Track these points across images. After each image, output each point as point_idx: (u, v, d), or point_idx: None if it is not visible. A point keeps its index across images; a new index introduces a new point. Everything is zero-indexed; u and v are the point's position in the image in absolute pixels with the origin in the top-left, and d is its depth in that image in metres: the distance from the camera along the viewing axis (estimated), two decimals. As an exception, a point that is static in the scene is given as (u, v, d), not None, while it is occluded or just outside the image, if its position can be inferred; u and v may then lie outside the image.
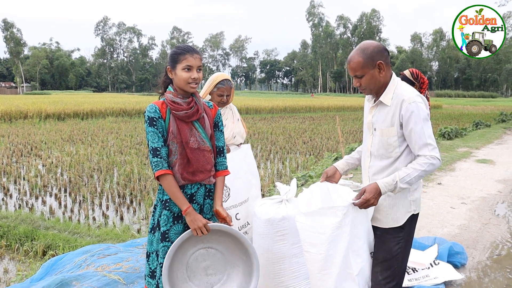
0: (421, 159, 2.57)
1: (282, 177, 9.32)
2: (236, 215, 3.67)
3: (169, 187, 2.52)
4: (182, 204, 2.51)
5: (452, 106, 47.28)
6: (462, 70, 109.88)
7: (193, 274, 2.65)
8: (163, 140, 2.54)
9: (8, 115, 22.21)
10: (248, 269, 2.71)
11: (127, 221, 6.55)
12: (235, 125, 3.84)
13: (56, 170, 9.83)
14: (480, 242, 5.18)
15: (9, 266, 5.08)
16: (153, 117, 2.52)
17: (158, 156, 2.50)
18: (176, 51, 2.56)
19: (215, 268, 2.69)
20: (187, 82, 2.53)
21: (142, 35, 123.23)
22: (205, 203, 2.69)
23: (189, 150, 2.55)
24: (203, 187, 2.66)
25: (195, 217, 2.51)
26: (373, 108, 2.77)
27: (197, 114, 2.59)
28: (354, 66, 2.63)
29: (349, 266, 2.72)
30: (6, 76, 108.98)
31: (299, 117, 28.87)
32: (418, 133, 2.57)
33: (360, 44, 2.70)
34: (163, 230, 2.60)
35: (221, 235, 2.64)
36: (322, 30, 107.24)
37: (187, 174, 2.57)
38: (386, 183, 2.58)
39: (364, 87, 2.68)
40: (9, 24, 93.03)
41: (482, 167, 10.19)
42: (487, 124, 21.83)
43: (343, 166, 3.07)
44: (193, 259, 2.64)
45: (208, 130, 2.65)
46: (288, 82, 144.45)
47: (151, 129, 2.52)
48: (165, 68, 2.64)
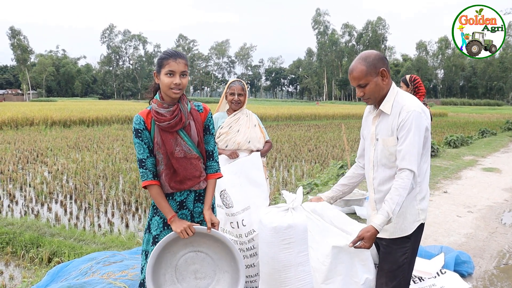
0: (400, 180, 2.52)
1: (287, 185, 9.31)
2: (242, 221, 3.67)
3: (155, 197, 2.58)
4: (167, 213, 2.57)
5: (457, 114, 47.17)
6: (467, 78, 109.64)
7: (181, 276, 2.68)
8: (148, 151, 2.56)
9: (15, 122, 22.34)
10: (235, 276, 2.73)
11: (133, 228, 6.56)
12: (250, 130, 3.89)
13: (62, 177, 9.86)
14: (487, 251, 5.14)
15: (14, 273, 5.08)
16: (138, 128, 2.56)
17: (143, 167, 2.56)
18: (161, 56, 2.58)
19: (204, 272, 2.72)
20: (169, 87, 2.52)
21: (147, 43, 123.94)
22: (195, 206, 2.72)
23: (175, 160, 2.57)
24: (192, 193, 2.69)
25: (179, 222, 2.56)
26: (375, 119, 2.74)
27: (180, 123, 2.57)
28: (357, 75, 2.61)
29: (356, 275, 2.71)
30: (13, 83, 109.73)
31: (304, 125, 28.87)
32: (406, 143, 2.53)
33: (360, 54, 2.68)
34: (154, 234, 2.67)
35: (210, 240, 2.67)
36: (328, 38, 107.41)
37: (175, 183, 2.60)
38: (381, 222, 2.52)
39: (368, 96, 2.65)
40: (16, 31, 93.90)
41: (488, 176, 10.14)
42: (493, 132, 21.76)
43: (329, 194, 3.07)
44: (183, 261, 2.67)
45: (194, 138, 2.64)
46: (293, 90, 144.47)
47: (136, 141, 2.56)
48: (153, 73, 2.65)
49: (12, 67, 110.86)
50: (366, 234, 2.54)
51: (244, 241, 3.69)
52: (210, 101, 74.87)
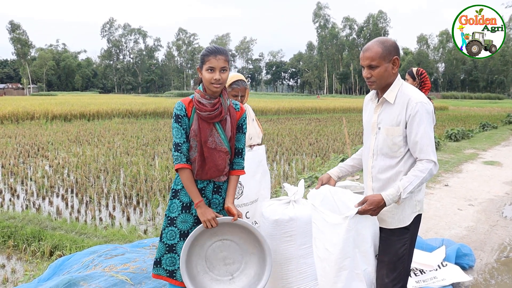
0: (421, 165, 2.57)
1: (288, 178, 9.31)
2: (246, 213, 3.68)
3: (185, 180, 2.69)
4: (195, 198, 2.68)
5: (458, 108, 47.10)
6: (468, 71, 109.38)
7: (212, 265, 2.83)
8: (185, 137, 2.69)
9: (15, 116, 22.34)
10: (262, 256, 2.84)
11: (134, 221, 6.57)
12: (250, 126, 3.88)
13: (63, 171, 9.87)
14: (488, 244, 5.15)
15: (16, 266, 5.10)
16: (178, 114, 2.69)
17: (178, 151, 2.68)
18: (203, 53, 2.71)
19: (233, 257, 2.85)
20: (210, 82, 2.65)
21: (147, 37, 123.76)
22: (213, 198, 2.81)
23: (206, 149, 2.68)
24: (212, 183, 2.79)
25: (205, 210, 2.67)
26: (378, 107, 2.75)
27: (219, 117, 2.70)
28: (371, 55, 2.61)
29: (357, 266, 2.71)
30: (13, 78, 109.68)
31: (305, 118, 28.84)
32: (420, 135, 2.56)
33: (377, 38, 2.71)
34: (171, 216, 2.78)
35: (233, 227, 2.78)
36: (328, 32, 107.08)
37: (201, 171, 2.70)
38: (391, 195, 2.56)
39: (375, 80, 2.65)
40: (15, 25, 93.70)
41: (489, 169, 10.14)
42: (494, 126, 21.74)
43: (336, 173, 3.08)
44: (211, 251, 2.80)
45: (228, 132, 2.76)
46: (294, 83, 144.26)
47: (175, 125, 2.69)
48: (197, 68, 2.79)
49: (12, 61, 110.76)
50: (372, 198, 2.58)
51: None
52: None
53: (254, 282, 2.85)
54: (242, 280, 2.86)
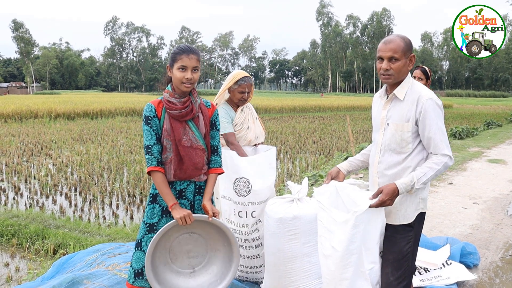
0: (435, 158, 2.57)
1: (292, 176, 9.30)
2: (252, 212, 3.66)
3: (158, 183, 2.64)
4: (169, 200, 2.63)
5: (463, 106, 46.96)
6: (473, 69, 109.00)
7: (175, 257, 2.78)
8: (156, 138, 2.64)
9: (19, 115, 22.41)
10: (229, 256, 2.81)
11: (137, 220, 6.56)
12: (255, 126, 3.86)
13: (66, 169, 9.88)
14: (492, 243, 5.12)
15: (20, 265, 5.10)
16: (148, 115, 2.64)
17: (149, 154, 2.63)
18: (174, 51, 2.66)
19: (197, 251, 2.82)
20: (181, 81, 2.61)
21: (151, 35, 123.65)
22: (196, 199, 2.79)
23: (182, 148, 2.64)
24: (192, 184, 2.76)
25: (180, 210, 2.61)
26: (387, 103, 2.75)
27: (191, 114, 2.67)
28: (395, 47, 2.60)
29: (362, 264, 2.71)
30: (17, 76, 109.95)
31: (308, 116, 28.81)
32: (433, 131, 2.57)
33: (395, 33, 2.71)
34: (152, 222, 2.72)
35: (205, 223, 2.74)
36: (332, 30, 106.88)
37: (179, 171, 2.66)
38: (404, 184, 2.57)
39: (392, 73, 2.64)
40: (18, 24, 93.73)
41: (494, 167, 10.09)
42: (499, 124, 21.65)
43: (346, 167, 3.09)
44: (176, 243, 2.76)
45: (202, 129, 2.73)
46: (297, 81, 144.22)
47: (146, 127, 2.64)
48: (166, 67, 2.74)
49: (15, 60, 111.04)
50: (386, 188, 2.59)
51: (249, 232, 3.67)
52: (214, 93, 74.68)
53: (215, 280, 2.81)
54: (203, 276, 2.83)
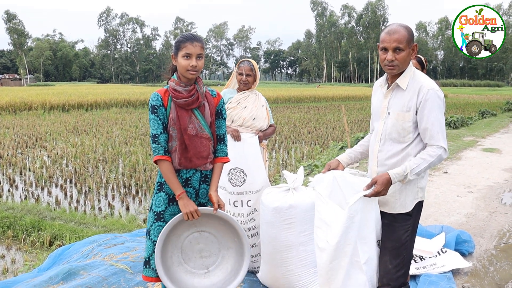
0: (430, 150, 2.57)
1: (287, 166, 9.31)
2: (248, 201, 3.66)
3: (165, 172, 2.64)
4: (176, 189, 2.62)
5: (457, 95, 47.04)
6: (467, 59, 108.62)
7: (187, 257, 2.74)
8: (162, 127, 2.64)
9: (13, 107, 22.26)
10: (240, 251, 2.77)
11: (133, 211, 6.56)
12: (257, 108, 3.88)
13: (61, 161, 9.85)
14: (487, 231, 5.16)
15: (16, 256, 5.10)
16: (154, 105, 2.63)
17: (156, 143, 2.62)
18: (179, 39, 2.65)
19: (209, 250, 2.78)
20: (186, 69, 2.61)
21: (145, 26, 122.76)
22: (201, 187, 2.76)
23: (187, 137, 2.64)
24: (198, 172, 2.74)
25: (187, 202, 2.60)
26: (388, 93, 2.74)
27: (196, 102, 2.66)
28: (400, 38, 2.56)
29: (357, 254, 2.71)
30: (10, 68, 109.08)
31: (304, 107, 28.79)
32: (431, 121, 2.56)
33: (396, 22, 2.66)
34: (158, 210, 2.71)
35: (212, 219, 2.72)
36: (327, 20, 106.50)
37: (184, 160, 2.65)
38: (396, 174, 2.57)
39: (397, 64, 2.61)
40: (11, 15, 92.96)
41: (489, 156, 10.14)
42: (493, 113, 21.73)
43: (346, 159, 3.06)
44: (187, 243, 2.73)
45: (208, 118, 2.72)
46: (292, 72, 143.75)
47: (152, 116, 2.63)
48: (171, 56, 2.73)
49: (8, 51, 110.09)
50: (380, 178, 2.59)
51: (245, 221, 3.68)
52: (209, 84, 74.52)
53: (229, 278, 2.77)
54: (218, 275, 2.78)
